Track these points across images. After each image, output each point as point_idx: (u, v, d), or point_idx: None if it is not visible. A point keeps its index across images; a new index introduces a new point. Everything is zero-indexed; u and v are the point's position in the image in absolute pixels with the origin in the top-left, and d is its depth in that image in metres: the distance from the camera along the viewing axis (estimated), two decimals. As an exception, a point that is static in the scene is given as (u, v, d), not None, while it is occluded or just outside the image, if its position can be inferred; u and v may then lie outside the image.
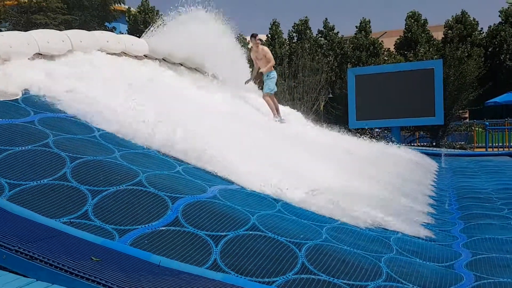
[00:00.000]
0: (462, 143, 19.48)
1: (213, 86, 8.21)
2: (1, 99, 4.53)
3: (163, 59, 8.30)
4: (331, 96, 23.02)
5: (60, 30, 11.44)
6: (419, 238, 3.90)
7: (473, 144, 18.99)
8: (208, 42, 8.23)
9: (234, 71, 8.64)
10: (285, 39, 28.45)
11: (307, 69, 20.93)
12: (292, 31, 28.56)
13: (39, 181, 3.21)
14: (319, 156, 5.99)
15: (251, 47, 8.89)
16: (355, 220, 3.86)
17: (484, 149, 17.47)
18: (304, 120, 10.19)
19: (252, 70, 9.16)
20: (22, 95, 4.75)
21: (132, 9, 28.07)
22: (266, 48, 8.59)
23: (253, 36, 8.59)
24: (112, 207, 3.09)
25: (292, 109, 10.93)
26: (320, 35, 28.20)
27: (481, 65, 20.35)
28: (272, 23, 28.60)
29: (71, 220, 2.87)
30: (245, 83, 8.79)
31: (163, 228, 2.94)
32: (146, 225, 2.94)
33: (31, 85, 4.93)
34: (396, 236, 3.77)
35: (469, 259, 3.39)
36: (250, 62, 9.38)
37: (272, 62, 8.53)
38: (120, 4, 23.49)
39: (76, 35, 6.45)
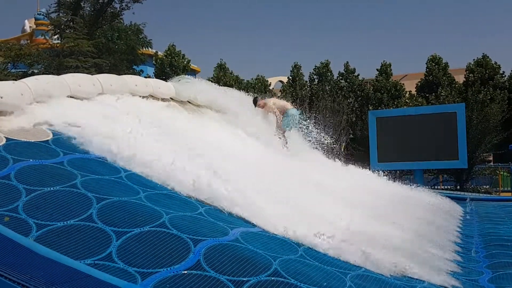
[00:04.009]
0: (487, 187, 19.03)
1: (234, 127, 8.35)
2: (32, 140, 4.70)
3: (188, 101, 8.56)
4: (352, 137, 23.01)
5: (91, 72, 11.95)
6: (445, 288, 3.78)
7: (498, 188, 18.52)
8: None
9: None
10: (306, 81, 28.89)
11: (328, 110, 21.10)
12: (313, 73, 29.05)
13: (65, 222, 3.28)
14: (343, 199, 5.94)
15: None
16: (380, 268, 3.78)
17: (510, 194, 17.00)
18: (328, 161, 10.16)
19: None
20: (52, 136, 4.92)
21: (159, 53, 29.17)
22: (270, 102, 8.59)
23: (254, 102, 8.62)
24: (136, 249, 3.11)
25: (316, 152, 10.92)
26: (341, 77, 28.57)
27: (505, 108, 20.16)
28: (293, 65, 29.20)
29: (95, 262, 2.89)
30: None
31: (184, 271, 2.93)
32: (168, 268, 2.94)
33: (61, 127, 5.11)
34: (422, 285, 3.66)
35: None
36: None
37: (285, 106, 8.54)
38: (147, 48, 24.43)
39: (106, 79, 6.72)
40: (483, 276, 4.27)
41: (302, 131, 9.66)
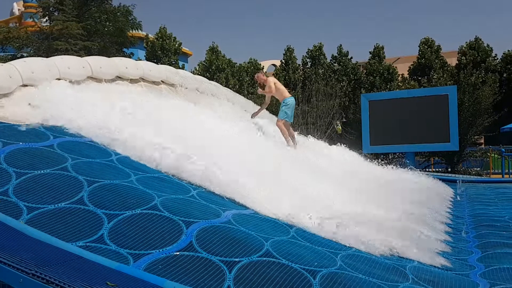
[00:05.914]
0: (478, 169, 19.18)
1: (225, 111, 8.33)
2: (22, 123, 4.64)
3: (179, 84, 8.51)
4: (344, 121, 23.03)
5: (80, 55, 11.78)
6: (435, 267, 3.83)
7: (489, 171, 18.70)
8: None
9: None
10: (299, 64, 28.72)
11: (320, 94, 21.04)
12: (306, 56, 28.85)
13: (56, 205, 3.26)
14: (335, 182, 5.96)
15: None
16: (370, 248, 3.82)
17: (500, 176, 17.19)
18: (320, 145, 10.20)
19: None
20: (42, 119, 4.86)
21: (150, 35, 28.74)
22: (271, 81, 8.48)
23: (255, 76, 9.02)
24: (128, 231, 3.11)
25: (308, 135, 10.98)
26: (334, 60, 28.42)
27: (496, 91, 20.21)
28: (286, 49, 28.99)
29: (87, 244, 2.89)
30: (252, 116, 8.93)
31: (177, 253, 2.94)
32: (160, 250, 2.95)
33: (51, 110, 5.05)
34: (412, 264, 3.71)
35: (487, 290, 3.31)
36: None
37: (283, 92, 8.49)
38: (137, 30, 24.05)
39: (96, 61, 6.63)
40: (472, 256, 4.34)
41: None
